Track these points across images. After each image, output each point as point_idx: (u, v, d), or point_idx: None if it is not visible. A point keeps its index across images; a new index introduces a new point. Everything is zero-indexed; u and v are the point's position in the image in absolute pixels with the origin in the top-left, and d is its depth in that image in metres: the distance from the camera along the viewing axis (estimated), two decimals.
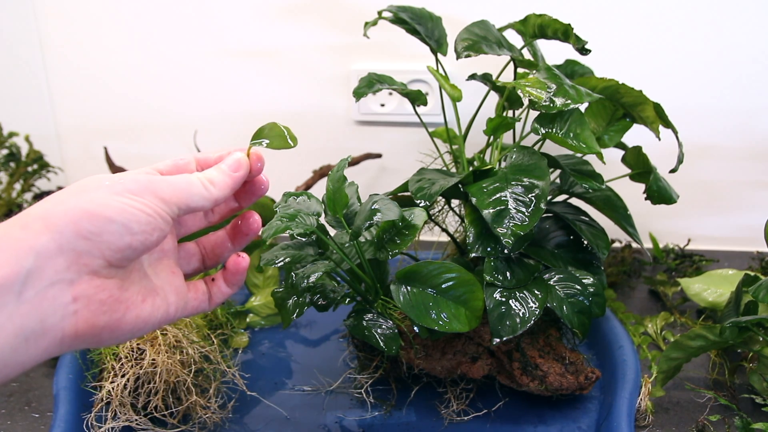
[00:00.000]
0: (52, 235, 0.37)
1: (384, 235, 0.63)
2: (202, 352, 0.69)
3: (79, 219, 0.37)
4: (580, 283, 0.66)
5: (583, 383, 0.67)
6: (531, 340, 0.67)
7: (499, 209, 0.61)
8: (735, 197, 1.00)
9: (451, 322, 0.60)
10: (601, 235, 0.71)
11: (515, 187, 0.62)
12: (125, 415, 0.65)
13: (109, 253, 0.38)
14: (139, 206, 0.40)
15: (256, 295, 0.84)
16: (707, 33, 0.92)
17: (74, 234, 0.37)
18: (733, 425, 0.66)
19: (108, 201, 0.39)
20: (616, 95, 0.70)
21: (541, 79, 0.66)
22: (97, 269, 0.39)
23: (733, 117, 0.96)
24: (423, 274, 0.62)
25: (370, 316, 0.64)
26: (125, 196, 0.39)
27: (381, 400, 0.71)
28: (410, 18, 0.74)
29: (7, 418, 0.70)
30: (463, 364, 0.67)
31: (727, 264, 0.96)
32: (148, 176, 0.42)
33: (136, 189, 0.40)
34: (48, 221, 0.37)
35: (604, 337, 0.76)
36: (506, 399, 0.71)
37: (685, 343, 0.68)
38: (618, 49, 0.94)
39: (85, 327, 0.39)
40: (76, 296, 0.38)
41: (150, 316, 0.42)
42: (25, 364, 0.37)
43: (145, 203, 0.40)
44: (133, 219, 0.39)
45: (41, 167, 1.05)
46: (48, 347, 0.37)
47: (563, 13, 0.92)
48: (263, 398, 0.72)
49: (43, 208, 0.38)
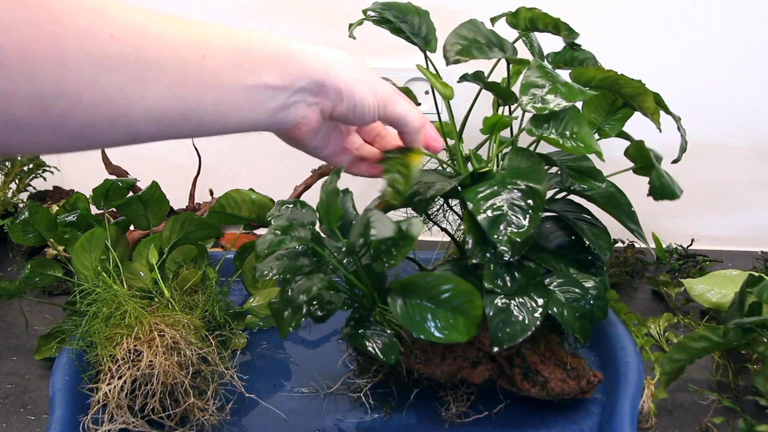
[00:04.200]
0: (325, 80, 0.50)
1: (381, 245, 0.62)
2: (200, 353, 0.68)
3: (346, 86, 0.52)
4: (581, 287, 0.65)
5: (585, 387, 0.67)
6: (532, 345, 0.66)
7: (495, 215, 0.59)
8: (739, 197, 1.00)
9: (450, 333, 0.59)
10: (603, 235, 0.70)
11: (512, 192, 0.60)
12: (122, 417, 0.64)
13: (337, 113, 0.53)
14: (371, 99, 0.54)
15: (254, 297, 0.83)
16: (710, 30, 0.91)
17: (335, 90, 0.51)
18: (737, 427, 0.65)
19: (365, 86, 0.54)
20: (615, 86, 0.69)
21: (533, 78, 0.65)
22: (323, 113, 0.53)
23: (737, 116, 0.95)
24: (420, 286, 0.60)
25: (368, 324, 0.63)
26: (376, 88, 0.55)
27: (381, 402, 0.71)
28: (394, 17, 0.72)
29: (2, 420, 0.69)
30: (464, 369, 0.67)
31: (730, 264, 0.96)
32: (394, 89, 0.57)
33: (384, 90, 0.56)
34: (332, 72, 0.51)
35: (607, 339, 0.75)
36: (507, 401, 0.70)
37: (689, 344, 0.67)
38: (619, 47, 0.93)
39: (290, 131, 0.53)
40: (305, 115, 0.52)
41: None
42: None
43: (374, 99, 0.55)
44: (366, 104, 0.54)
45: (37, 167, 1.04)
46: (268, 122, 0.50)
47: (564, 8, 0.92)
48: (261, 400, 0.71)
49: (338, 63, 0.51)
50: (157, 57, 0.40)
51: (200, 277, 0.77)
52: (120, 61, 0.38)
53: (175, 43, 0.41)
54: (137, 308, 0.69)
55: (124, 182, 0.81)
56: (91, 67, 0.37)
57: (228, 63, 0.44)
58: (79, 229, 0.81)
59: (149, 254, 0.77)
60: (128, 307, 0.69)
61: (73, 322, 0.73)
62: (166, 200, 0.81)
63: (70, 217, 0.82)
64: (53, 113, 0.37)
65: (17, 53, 0.34)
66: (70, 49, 0.36)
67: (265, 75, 0.47)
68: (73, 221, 0.82)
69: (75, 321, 0.73)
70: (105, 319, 0.69)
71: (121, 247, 0.80)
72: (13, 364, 0.79)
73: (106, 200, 0.80)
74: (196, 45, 0.42)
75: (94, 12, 0.37)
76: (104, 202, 0.80)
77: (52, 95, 0.36)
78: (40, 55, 0.35)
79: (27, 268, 0.77)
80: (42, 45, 0.35)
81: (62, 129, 0.38)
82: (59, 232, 0.80)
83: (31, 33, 0.34)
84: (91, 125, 0.39)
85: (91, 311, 0.70)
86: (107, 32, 0.37)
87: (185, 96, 0.42)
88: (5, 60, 0.34)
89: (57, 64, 0.35)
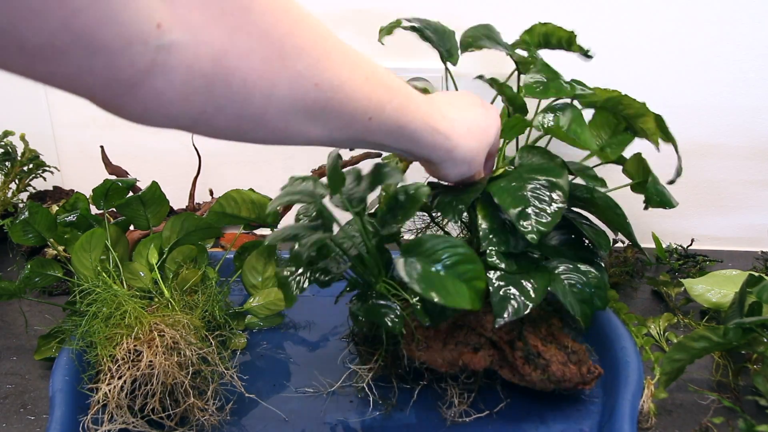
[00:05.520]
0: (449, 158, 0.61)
1: (387, 211, 0.64)
2: (200, 353, 0.68)
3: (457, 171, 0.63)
4: (583, 274, 0.67)
5: (586, 376, 0.67)
6: (533, 328, 0.67)
7: (521, 208, 0.62)
8: (739, 197, 1.00)
9: (455, 299, 0.58)
10: (602, 234, 0.71)
11: (533, 184, 0.64)
12: (122, 417, 0.64)
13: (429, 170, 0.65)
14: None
15: (254, 296, 0.83)
16: (710, 30, 0.91)
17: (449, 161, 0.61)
18: (737, 427, 0.65)
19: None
20: (619, 106, 0.71)
21: (536, 72, 0.68)
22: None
23: (737, 116, 0.95)
24: (427, 247, 0.61)
25: (374, 296, 0.64)
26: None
27: (382, 398, 0.71)
28: (425, 27, 0.79)
29: (2, 420, 0.69)
30: (465, 354, 0.67)
31: (730, 264, 0.96)
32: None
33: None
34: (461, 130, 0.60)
35: (607, 338, 0.75)
36: (508, 400, 0.70)
37: (689, 344, 0.67)
38: (619, 48, 0.93)
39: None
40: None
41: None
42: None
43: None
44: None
45: (37, 167, 1.04)
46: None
47: (565, 8, 0.92)
48: (261, 400, 0.71)
49: (464, 152, 0.61)
50: (339, 110, 0.47)
51: (200, 277, 0.77)
52: (311, 105, 0.45)
53: (357, 102, 0.48)
54: (137, 308, 0.69)
55: (124, 182, 0.81)
56: (290, 105, 0.44)
57: (387, 132, 0.53)
58: (79, 229, 0.80)
59: (149, 254, 0.77)
60: (128, 307, 0.69)
61: (73, 322, 0.73)
62: (166, 200, 0.81)
63: (70, 217, 0.82)
64: (242, 129, 0.44)
65: (241, 80, 0.40)
66: (282, 88, 0.42)
67: (417, 150, 0.58)
68: (73, 221, 0.81)
69: (75, 321, 0.73)
70: (105, 319, 0.69)
71: (121, 247, 0.80)
72: (13, 364, 0.79)
73: (106, 200, 0.80)
74: (372, 107, 0.50)
75: (311, 58, 0.43)
76: (104, 202, 0.80)
77: (251, 119, 0.43)
78: (257, 87, 0.41)
79: (27, 268, 0.77)
80: (262, 79, 0.41)
81: (240, 137, 0.45)
82: (59, 232, 0.80)
83: (259, 66, 0.40)
84: (262, 139, 0.46)
85: (91, 311, 0.70)
86: (314, 81, 0.44)
87: (340, 138, 0.50)
88: (230, 82, 0.39)
89: (266, 96, 0.42)
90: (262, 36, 0.40)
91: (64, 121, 1.08)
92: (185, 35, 0.36)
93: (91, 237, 0.73)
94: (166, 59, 0.35)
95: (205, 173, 1.04)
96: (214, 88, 0.39)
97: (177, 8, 0.35)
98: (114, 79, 0.35)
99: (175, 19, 0.35)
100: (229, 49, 0.38)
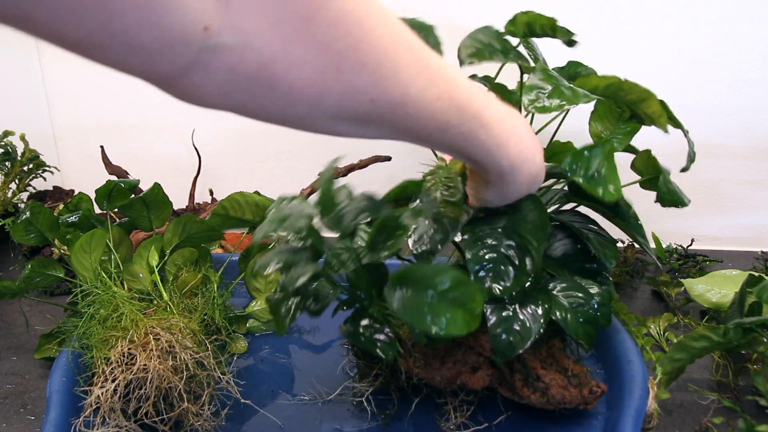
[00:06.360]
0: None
1: (377, 236, 0.61)
2: (196, 357, 0.67)
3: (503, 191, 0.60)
4: (586, 292, 0.64)
5: (587, 397, 0.65)
6: (533, 350, 0.65)
7: (487, 269, 0.61)
8: (739, 197, 1.00)
9: (449, 327, 0.56)
10: (609, 245, 0.68)
11: (508, 246, 0.62)
12: (115, 420, 0.63)
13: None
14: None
15: (257, 300, 0.83)
16: (710, 30, 0.91)
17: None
18: (737, 427, 0.65)
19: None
20: (620, 93, 0.69)
21: (537, 81, 0.65)
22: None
23: (737, 116, 0.95)
24: (417, 277, 0.59)
25: (367, 321, 0.62)
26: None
27: (380, 409, 0.69)
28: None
29: (2, 420, 0.69)
30: (463, 374, 0.65)
31: (730, 264, 0.96)
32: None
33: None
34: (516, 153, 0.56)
35: (613, 351, 0.72)
36: (508, 413, 0.68)
37: (689, 344, 0.67)
38: (619, 47, 0.93)
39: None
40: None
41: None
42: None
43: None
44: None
45: (37, 167, 1.04)
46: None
47: (565, 8, 0.92)
48: (258, 406, 0.70)
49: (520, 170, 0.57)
50: (394, 124, 0.46)
51: (200, 280, 0.77)
52: (363, 116, 0.44)
53: (417, 120, 0.47)
54: (134, 311, 0.68)
55: (127, 183, 0.80)
56: (337, 113, 0.43)
57: (446, 147, 0.52)
58: (82, 230, 0.80)
59: (149, 256, 0.77)
60: (125, 309, 0.68)
61: (74, 323, 0.73)
62: (169, 202, 0.81)
63: (72, 218, 0.81)
64: (285, 123, 0.43)
65: (288, 86, 0.39)
66: (331, 99, 0.41)
67: (471, 166, 0.59)
68: (75, 221, 0.81)
69: (75, 322, 0.72)
70: (102, 321, 0.68)
71: (124, 248, 0.80)
72: (13, 364, 0.79)
73: (109, 201, 0.80)
74: (434, 125, 0.48)
75: (374, 75, 0.42)
76: (107, 203, 0.80)
77: (294, 118, 0.42)
78: (304, 95, 0.40)
79: (28, 267, 0.77)
80: (310, 88, 0.40)
81: (284, 126, 0.44)
82: (61, 232, 0.80)
83: (309, 76, 0.39)
84: (306, 130, 0.45)
85: (89, 312, 0.69)
86: (370, 97, 0.43)
87: (393, 139, 0.50)
88: (274, 87, 0.39)
89: (312, 104, 0.41)
90: (319, 48, 0.38)
91: (64, 121, 1.08)
92: (233, 39, 0.35)
93: (91, 238, 0.73)
94: (209, 60, 0.35)
95: (205, 173, 1.04)
96: (256, 89, 0.38)
97: (231, 12, 0.35)
98: (153, 72, 0.35)
99: (226, 23, 0.34)
100: (279, 57, 0.37)
